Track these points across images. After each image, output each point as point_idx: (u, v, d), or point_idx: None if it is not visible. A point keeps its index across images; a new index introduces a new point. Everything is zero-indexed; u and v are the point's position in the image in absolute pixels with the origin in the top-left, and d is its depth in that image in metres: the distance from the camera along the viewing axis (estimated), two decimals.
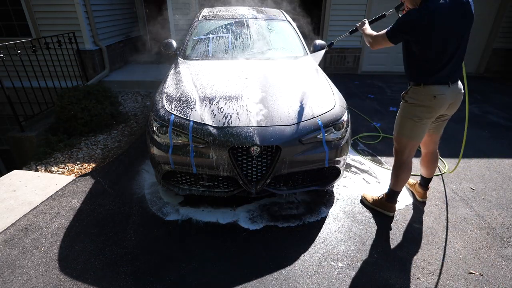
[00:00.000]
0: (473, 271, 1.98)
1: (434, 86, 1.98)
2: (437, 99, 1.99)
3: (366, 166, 3.17)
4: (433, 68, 1.95)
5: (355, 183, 2.88)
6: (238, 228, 2.30)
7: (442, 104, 2.02)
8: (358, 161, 3.26)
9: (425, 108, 2.04)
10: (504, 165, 3.24)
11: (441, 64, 1.94)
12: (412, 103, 2.08)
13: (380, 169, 3.12)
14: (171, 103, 2.36)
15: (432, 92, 1.99)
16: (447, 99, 2.01)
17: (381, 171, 3.09)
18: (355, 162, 3.24)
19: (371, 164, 3.21)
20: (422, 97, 2.03)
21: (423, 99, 2.03)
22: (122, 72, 6.47)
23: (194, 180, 2.34)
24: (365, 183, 2.89)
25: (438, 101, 2.00)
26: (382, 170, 3.10)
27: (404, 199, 2.63)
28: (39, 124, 4.02)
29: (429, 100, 2.01)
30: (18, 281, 1.86)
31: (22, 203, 2.57)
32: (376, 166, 3.17)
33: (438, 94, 1.98)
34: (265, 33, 3.52)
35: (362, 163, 3.23)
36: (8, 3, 5.33)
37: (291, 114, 2.25)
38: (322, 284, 1.87)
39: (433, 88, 1.98)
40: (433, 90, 1.98)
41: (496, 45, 6.80)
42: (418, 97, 2.04)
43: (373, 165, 3.19)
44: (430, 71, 1.96)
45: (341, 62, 6.98)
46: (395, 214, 2.46)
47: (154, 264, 1.98)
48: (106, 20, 6.17)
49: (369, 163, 3.23)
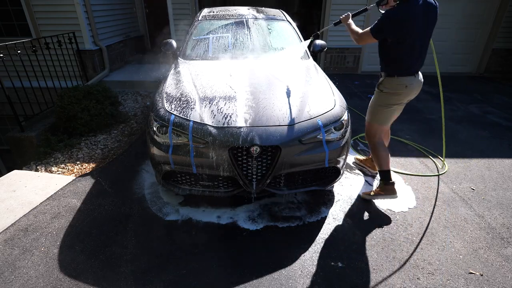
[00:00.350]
0: (473, 271, 1.98)
1: (406, 77, 2.32)
2: (408, 88, 2.34)
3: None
4: (405, 61, 2.28)
5: (355, 183, 2.88)
6: (238, 228, 2.30)
7: (411, 92, 2.39)
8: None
9: (398, 96, 2.38)
10: (504, 165, 3.24)
11: (412, 58, 2.27)
12: (387, 92, 2.40)
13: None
14: (171, 103, 2.36)
15: (404, 82, 2.33)
16: (415, 88, 2.38)
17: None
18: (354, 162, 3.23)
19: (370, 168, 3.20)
20: (395, 86, 2.36)
21: (396, 88, 2.36)
22: (122, 72, 6.47)
23: (194, 180, 2.34)
24: (365, 183, 2.89)
25: (409, 89, 2.35)
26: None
27: (408, 202, 2.62)
28: (39, 124, 4.02)
29: (401, 89, 2.35)
30: (18, 281, 1.86)
31: (22, 203, 2.57)
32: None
33: (409, 84, 2.33)
34: (265, 33, 3.52)
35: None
36: (8, 3, 5.33)
37: (291, 114, 2.25)
38: (322, 284, 1.87)
39: (405, 79, 2.32)
40: (405, 80, 2.32)
41: (496, 45, 6.80)
42: (392, 86, 2.37)
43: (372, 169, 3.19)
44: (403, 64, 2.29)
45: (341, 62, 6.98)
46: (395, 214, 2.46)
47: (154, 264, 1.98)
48: (106, 20, 6.17)
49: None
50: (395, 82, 2.35)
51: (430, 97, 5.51)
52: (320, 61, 6.96)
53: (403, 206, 2.57)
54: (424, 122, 4.38)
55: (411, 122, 4.33)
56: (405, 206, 2.58)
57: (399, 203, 2.57)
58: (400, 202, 2.60)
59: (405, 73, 2.32)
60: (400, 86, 2.34)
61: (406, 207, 2.57)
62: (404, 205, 2.59)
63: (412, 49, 2.24)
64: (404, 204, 2.59)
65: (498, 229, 2.35)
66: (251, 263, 2.00)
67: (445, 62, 7.14)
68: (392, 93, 2.39)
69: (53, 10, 5.36)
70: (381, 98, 2.45)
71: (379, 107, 2.48)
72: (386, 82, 2.39)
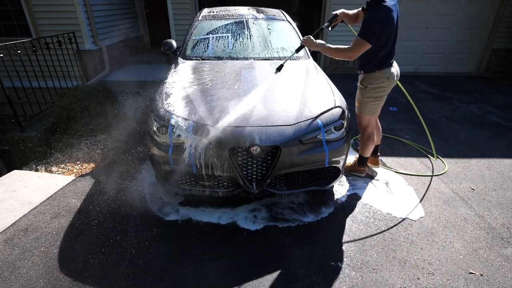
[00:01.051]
0: (473, 271, 1.98)
1: (386, 69, 2.52)
2: (390, 79, 2.55)
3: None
4: (385, 56, 2.47)
5: (355, 183, 2.88)
6: (238, 228, 2.30)
7: (393, 82, 2.59)
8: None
9: (382, 88, 2.58)
10: (504, 165, 3.24)
11: (387, 54, 2.46)
12: (372, 87, 2.58)
13: (380, 169, 3.11)
14: (171, 103, 2.36)
15: (386, 75, 2.52)
16: (395, 76, 2.58)
17: (381, 170, 3.09)
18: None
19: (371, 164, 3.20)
20: (378, 80, 2.54)
21: (379, 82, 2.55)
22: (122, 72, 6.47)
23: (194, 180, 2.34)
24: (365, 182, 2.89)
25: (391, 80, 2.56)
26: (382, 170, 3.10)
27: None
28: (39, 124, 4.02)
29: (384, 81, 2.54)
30: (18, 281, 1.86)
31: (22, 203, 2.57)
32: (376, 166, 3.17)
33: (390, 75, 2.53)
34: (265, 33, 3.52)
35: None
36: (8, 3, 5.33)
37: (291, 114, 2.25)
38: (322, 284, 1.87)
39: (386, 71, 2.52)
40: (386, 73, 2.52)
41: (496, 45, 6.80)
42: (375, 81, 2.56)
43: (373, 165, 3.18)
44: (383, 59, 2.47)
45: (341, 62, 6.98)
46: (395, 215, 2.46)
47: (154, 264, 1.98)
48: (106, 20, 6.16)
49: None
50: (377, 77, 2.54)
51: (430, 97, 5.51)
52: (320, 61, 6.96)
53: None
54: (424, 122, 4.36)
55: (411, 122, 4.33)
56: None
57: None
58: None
59: (384, 67, 2.51)
60: (382, 79, 2.54)
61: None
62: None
63: (387, 45, 2.41)
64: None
65: (498, 229, 2.35)
66: (251, 263, 2.00)
67: (445, 62, 7.14)
68: (377, 87, 2.57)
69: (53, 10, 5.36)
70: (367, 93, 2.62)
71: (367, 101, 2.65)
72: (368, 78, 2.58)
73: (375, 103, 2.63)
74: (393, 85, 2.62)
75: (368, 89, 2.60)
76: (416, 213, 2.50)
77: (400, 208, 2.54)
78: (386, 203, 2.60)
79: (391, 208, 2.54)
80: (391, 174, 3.04)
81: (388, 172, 3.07)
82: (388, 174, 3.03)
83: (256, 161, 2.16)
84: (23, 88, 3.76)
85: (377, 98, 2.62)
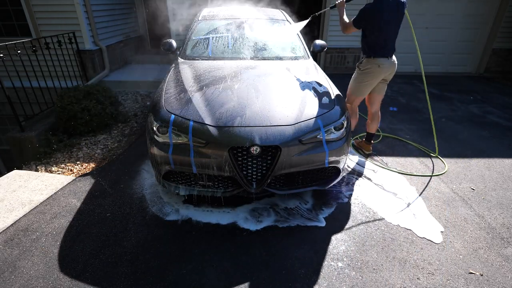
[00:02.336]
0: (473, 271, 1.98)
1: (380, 58, 2.88)
2: (381, 67, 2.89)
3: (367, 166, 3.17)
4: (379, 46, 2.84)
5: (355, 183, 2.88)
6: (238, 228, 2.30)
7: (383, 71, 2.92)
8: (358, 162, 3.26)
9: (373, 73, 2.93)
10: (504, 165, 3.24)
11: (384, 44, 2.83)
12: (364, 70, 2.97)
13: (380, 169, 3.11)
14: (171, 103, 2.36)
15: (378, 62, 2.88)
16: (387, 67, 2.91)
17: (381, 170, 3.09)
18: (355, 163, 3.23)
19: (371, 164, 3.20)
20: (371, 65, 2.91)
21: (371, 67, 2.92)
22: (122, 72, 6.47)
23: (194, 180, 2.34)
24: (366, 182, 2.89)
25: (382, 68, 2.90)
26: (383, 170, 3.10)
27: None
28: (39, 124, 4.02)
29: (375, 68, 2.90)
30: (18, 281, 1.86)
31: (22, 203, 2.57)
32: (376, 166, 3.17)
33: (381, 64, 2.88)
34: (265, 33, 3.52)
35: (362, 163, 3.23)
36: (8, 3, 5.33)
37: (291, 114, 2.25)
38: (322, 284, 1.87)
39: (379, 60, 2.88)
40: (379, 61, 2.88)
41: (496, 45, 6.80)
42: (368, 65, 2.93)
43: (373, 165, 3.19)
44: (377, 48, 2.85)
45: (341, 62, 6.98)
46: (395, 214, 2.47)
47: (154, 264, 1.98)
48: (106, 20, 6.16)
49: (369, 163, 3.23)
50: (371, 62, 2.91)
51: (431, 97, 5.50)
52: (320, 61, 6.96)
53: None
54: (425, 122, 4.37)
55: (411, 122, 4.33)
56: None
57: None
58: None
59: (380, 55, 2.87)
60: (374, 66, 2.90)
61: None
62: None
63: (385, 36, 2.82)
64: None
65: (498, 229, 2.35)
66: (251, 263, 2.00)
67: (445, 62, 7.14)
68: (368, 71, 2.95)
69: (53, 10, 5.36)
70: (359, 75, 3.03)
71: (357, 82, 3.06)
72: (365, 62, 2.96)
73: (361, 85, 3.03)
74: (383, 75, 2.95)
75: (360, 71, 3.01)
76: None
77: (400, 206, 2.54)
78: (387, 203, 2.60)
79: (391, 206, 2.54)
80: (391, 174, 3.04)
81: (388, 172, 3.07)
82: (389, 174, 3.03)
83: (256, 161, 2.16)
84: (23, 88, 3.76)
85: (365, 82, 3.00)
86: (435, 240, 2.21)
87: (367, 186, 2.83)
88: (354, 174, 3.02)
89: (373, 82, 2.98)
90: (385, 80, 3.05)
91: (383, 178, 2.96)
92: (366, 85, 3.01)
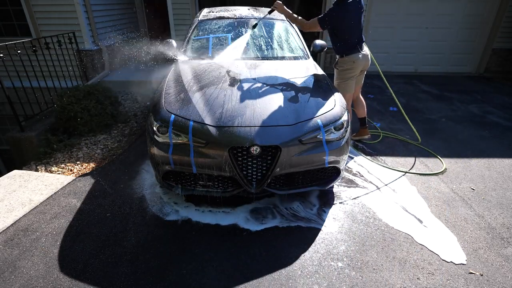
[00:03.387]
0: (473, 271, 1.98)
1: (352, 55, 3.10)
2: (356, 62, 3.13)
3: (367, 166, 3.17)
4: (349, 44, 3.07)
5: (355, 183, 2.88)
6: (238, 229, 2.30)
7: (359, 65, 3.16)
8: (358, 162, 3.26)
9: (350, 70, 3.17)
10: (504, 165, 3.24)
11: (353, 41, 3.06)
12: (341, 69, 3.21)
13: (381, 168, 3.11)
14: (171, 103, 2.36)
15: (352, 59, 3.11)
16: (362, 61, 3.15)
17: (381, 170, 3.09)
18: (354, 163, 3.23)
19: (371, 164, 3.20)
20: (346, 64, 3.15)
21: (347, 65, 3.15)
22: (122, 72, 6.46)
23: (194, 180, 2.34)
24: (366, 182, 2.89)
25: (356, 64, 3.13)
26: (383, 169, 3.10)
27: (413, 204, 2.59)
28: (39, 124, 4.01)
29: (351, 64, 3.14)
30: (18, 281, 1.86)
31: (22, 203, 2.57)
32: (377, 166, 3.17)
33: (356, 60, 3.11)
34: (265, 33, 3.52)
35: (362, 163, 3.23)
36: (8, 3, 5.33)
37: (291, 114, 2.25)
38: (322, 284, 1.87)
39: (352, 56, 3.10)
40: (352, 58, 3.11)
41: (496, 45, 6.79)
42: (344, 64, 3.17)
43: (373, 165, 3.19)
44: (348, 46, 3.08)
45: None
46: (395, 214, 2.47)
47: (154, 264, 1.98)
48: (106, 20, 6.16)
49: (369, 163, 3.23)
50: (346, 61, 3.14)
51: (430, 97, 5.51)
52: (320, 61, 6.96)
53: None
54: (425, 122, 4.37)
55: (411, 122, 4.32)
56: (409, 208, 2.57)
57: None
58: (404, 204, 2.58)
59: (350, 52, 3.09)
60: (349, 63, 3.13)
61: (411, 209, 2.56)
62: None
63: (352, 35, 3.03)
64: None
65: (498, 229, 2.34)
66: (251, 263, 2.00)
67: (445, 62, 7.14)
68: (346, 69, 3.18)
69: (53, 10, 5.36)
70: (339, 74, 3.26)
71: (340, 81, 3.25)
72: (340, 62, 3.20)
73: (345, 83, 3.23)
74: (360, 68, 3.18)
75: (339, 71, 3.24)
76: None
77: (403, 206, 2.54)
78: (388, 204, 2.60)
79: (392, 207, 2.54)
80: (391, 173, 3.04)
81: (386, 170, 3.07)
82: (386, 172, 3.03)
83: (256, 161, 2.15)
84: (23, 88, 3.76)
85: (347, 79, 3.21)
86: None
87: (368, 186, 2.83)
88: (353, 174, 3.02)
89: (353, 76, 3.21)
90: (363, 71, 3.32)
91: (383, 177, 2.96)
92: (349, 81, 3.21)
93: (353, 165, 3.19)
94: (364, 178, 2.97)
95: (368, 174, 3.03)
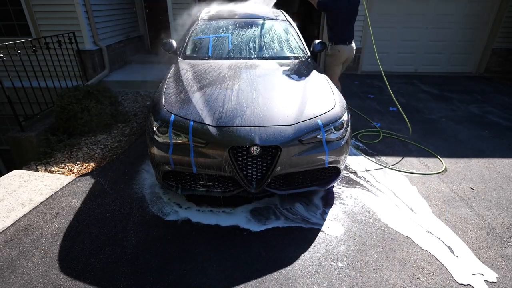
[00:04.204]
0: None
1: (339, 44, 3.83)
2: (340, 52, 3.84)
3: (367, 166, 3.17)
4: (339, 34, 3.77)
5: (355, 183, 2.88)
6: (238, 229, 2.30)
7: (343, 55, 3.88)
8: (358, 162, 3.26)
9: (335, 56, 3.90)
10: (504, 165, 3.24)
11: (342, 32, 3.75)
12: (329, 55, 3.95)
13: (381, 168, 3.11)
14: (171, 103, 2.36)
15: (338, 48, 3.85)
16: (346, 53, 3.87)
17: (381, 170, 3.09)
18: (355, 163, 3.23)
19: (372, 164, 3.20)
20: (333, 51, 3.88)
21: (334, 52, 3.88)
22: (122, 72, 6.46)
23: (194, 180, 2.34)
24: (366, 182, 2.89)
25: (341, 53, 3.85)
26: (383, 169, 3.10)
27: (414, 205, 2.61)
28: (39, 124, 4.01)
29: (336, 52, 3.86)
30: (18, 281, 1.86)
31: (22, 203, 2.57)
32: (377, 166, 3.17)
33: (341, 49, 3.84)
34: (265, 33, 3.52)
35: (363, 163, 3.23)
36: (8, 3, 5.32)
37: (291, 114, 2.25)
38: (322, 284, 1.87)
39: (339, 46, 3.83)
40: (338, 47, 3.84)
41: (496, 45, 6.80)
42: (332, 51, 3.89)
43: (374, 165, 3.19)
44: (338, 35, 3.78)
45: None
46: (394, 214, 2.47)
47: (154, 264, 1.98)
48: (106, 20, 6.16)
49: (370, 163, 3.23)
50: (334, 48, 3.87)
51: (431, 97, 5.51)
52: (320, 61, 6.96)
53: (408, 208, 2.54)
54: (425, 122, 4.38)
55: (411, 122, 4.32)
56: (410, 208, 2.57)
57: (404, 205, 2.56)
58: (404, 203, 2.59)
59: (339, 42, 3.80)
60: (335, 51, 3.86)
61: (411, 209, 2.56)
62: (410, 206, 2.56)
63: (343, 26, 3.72)
64: (409, 205, 2.56)
65: (498, 229, 2.34)
66: (251, 263, 2.00)
67: (445, 62, 7.14)
68: (332, 56, 3.91)
69: (53, 10, 5.35)
70: (328, 60, 3.99)
71: (327, 66, 4.02)
72: (330, 48, 3.89)
73: (331, 67, 3.99)
74: (344, 57, 3.89)
75: (328, 57, 4.00)
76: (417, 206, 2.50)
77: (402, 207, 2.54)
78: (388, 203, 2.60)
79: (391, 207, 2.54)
80: (390, 173, 3.04)
81: (386, 170, 3.07)
82: (386, 172, 3.03)
83: (256, 161, 2.16)
84: (23, 88, 3.76)
85: (333, 64, 3.95)
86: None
87: (368, 186, 2.83)
88: (353, 174, 3.02)
89: (338, 63, 3.93)
90: (346, 62, 3.99)
91: (384, 177, 2.96)
92: (334, 66, 3.94)
93: (353, 165, 3.19)
94: (364, 178, 2.97)
95: (368, 174, 3.04)
